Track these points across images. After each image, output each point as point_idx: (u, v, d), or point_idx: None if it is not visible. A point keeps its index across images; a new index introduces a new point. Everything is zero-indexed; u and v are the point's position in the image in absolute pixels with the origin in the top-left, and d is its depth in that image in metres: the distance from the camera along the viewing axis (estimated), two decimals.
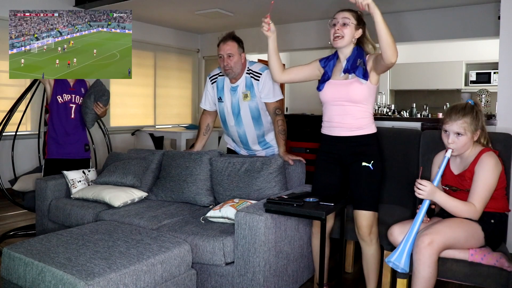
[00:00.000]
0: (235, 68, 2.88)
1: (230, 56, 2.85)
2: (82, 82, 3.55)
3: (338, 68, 2.33)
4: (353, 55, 2.26)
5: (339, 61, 2.34)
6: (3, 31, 5.01)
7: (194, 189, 2.93)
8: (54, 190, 3.16)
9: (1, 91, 5.23)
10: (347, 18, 2.23)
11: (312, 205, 2.16)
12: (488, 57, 7.22)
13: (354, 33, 2.26)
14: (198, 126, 3.28)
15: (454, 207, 1.99)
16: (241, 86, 2.94)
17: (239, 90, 2.94)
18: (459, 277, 1.98)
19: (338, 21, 2.25)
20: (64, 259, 1.88)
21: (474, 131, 2.07)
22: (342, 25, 2.23)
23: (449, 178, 2.17)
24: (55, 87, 3.41)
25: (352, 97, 2.23)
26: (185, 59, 7.96)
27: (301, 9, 6.16)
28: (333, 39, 2.26)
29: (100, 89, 3.46)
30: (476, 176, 2.02)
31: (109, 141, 4.15)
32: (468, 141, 2.07)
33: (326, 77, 2.32)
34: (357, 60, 2.23)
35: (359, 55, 2.25)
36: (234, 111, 2.99)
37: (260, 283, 2.16)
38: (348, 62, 2.26)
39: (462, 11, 5.70)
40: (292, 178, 2.84)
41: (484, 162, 2.01)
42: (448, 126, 2.08)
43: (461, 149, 2.08)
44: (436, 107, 7.70)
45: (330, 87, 2.29)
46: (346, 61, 2.27)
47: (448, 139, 2.07)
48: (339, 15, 2.26)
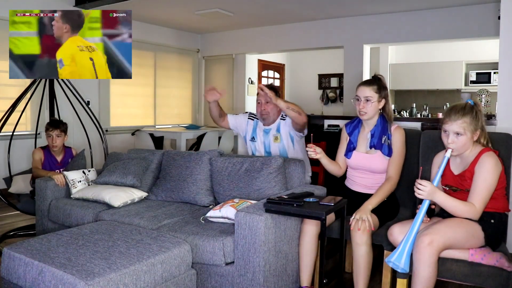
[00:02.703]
0: (271, 114, 3.15)
1: (268, 103, 3.10)
2: (69, 154, 3.63)
3: (362, 137, 2.56)
4: (377, 128, 2.48)
5: (363, 128, 2.57)
6: (3, 31, 5.01)
7: (194, 189, 2.93)
8: (54, 190, 3.16)
9: (1, 91, 5.23)
10: (369, 97, 2.45)
11: (312, 205, 2.16)
12: (488, 57, 7.22)
13: (377, 106, 2.49)
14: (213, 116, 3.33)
15: (454, 207, 1.99)
16: (273, 129, 3.20)
17: (271, 133, 3.20)
18: (459, 277, 1.98)
19: (361, 98, 2.47)
20: (64, 259, 1.88)
21: (473, 131, 2.06)
22: (366, 101, 2.45)
23: (449, 178, 2.17)
24: (44, 161, 3.52)
25: (373, 169, 2.51)
26: (185, 59, 7.96)
27: (301, 9, 6.16)
28: (359, 114, 2.49)
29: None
30: (476, 176, 2.01)
31: (106, 143, 4.15)
32: (468, 141, 2.07)
33: (352, 146, 2.58)
34: (382, 137, 2.46)
35: (384, 130, 2.47)
36: (266, 149, 3.25)
37: (260, 283, 2.16)
38: (374, 137, 2.48)
39: (462, 11, 5.71)
40: (292, 178, 2.84)
41: (484, 162, 2.01)
42: (448, 126, 2.08)
43: (460, 149, 2.07)
44: (436, 107, 7.71)
45: (355, 157, 2.56)
46: (371, 136, 2.49)
47: (448, 139, 2.07)
48: (361, 93, 2.48)
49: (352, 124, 2.63)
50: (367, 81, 2.54)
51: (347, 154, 2.58)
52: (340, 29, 6.66)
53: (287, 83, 9.50)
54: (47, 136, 3.51)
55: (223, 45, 7.91)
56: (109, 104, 6.56)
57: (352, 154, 2.56)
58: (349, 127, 2.63)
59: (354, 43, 6.56)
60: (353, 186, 2.61)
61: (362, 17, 6.44)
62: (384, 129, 2.48)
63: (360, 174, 2.56)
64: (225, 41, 7.87)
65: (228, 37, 7.83)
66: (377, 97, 2.46)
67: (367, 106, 2.45)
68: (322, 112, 8.37)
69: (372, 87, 2.47)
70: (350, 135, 2.60)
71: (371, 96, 2.45)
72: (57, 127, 3.48)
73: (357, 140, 2.57)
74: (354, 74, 6.57)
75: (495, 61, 5.35)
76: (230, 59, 7.97)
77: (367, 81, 2.53)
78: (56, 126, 3.49)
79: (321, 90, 9.17)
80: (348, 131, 2.62)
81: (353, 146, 2.57)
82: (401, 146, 2.48)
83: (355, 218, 2.23)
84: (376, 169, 2.50)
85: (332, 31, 6.74)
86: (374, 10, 6.12)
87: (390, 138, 2.46)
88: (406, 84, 7.96)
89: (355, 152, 2.56)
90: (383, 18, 6.29)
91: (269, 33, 7.33)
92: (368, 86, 2.48)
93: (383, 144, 2.45)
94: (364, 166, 2.53)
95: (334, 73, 8.90)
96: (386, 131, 2.48)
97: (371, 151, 2.50)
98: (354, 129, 2.60)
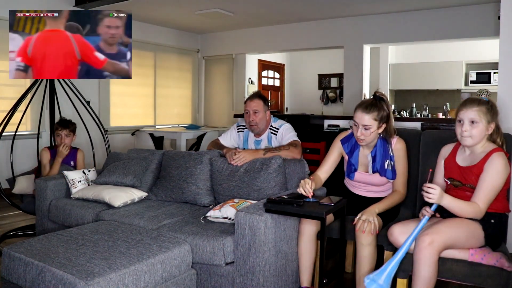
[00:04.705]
0: (260, 124, 3.06)
1: (256, 113, 3.03)
2: (73, 155, 3.62)
3: (362, 156, 2.45)
4: (378, 151, 2.37)
5: (362, 148, 2.45)
6: (3, 31, 5.01)
7: (194, 189, 2.93)
8: (54, 190, 3.16)
9: (1, 91, 5.23)
10: (368, 125, 2.30)
11: (312, 205, 2.16)
12: (488, 57, 7.22)
13: (377, 132, 2.35)
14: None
15: (459, 209, 1.98)
16: (264, 141, 3.12)
17: (262, 145, 3.13)
18: (459, 277, 1.98)
19: (358, 125, 2.32)
20: (64, 259, 1.88)
21: (489, 122, 2.03)
22: (364, 129, 2.31)
23: (453, 170, 2.14)
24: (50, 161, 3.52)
25: (375, 184, 2.46)
26: (185, 59, 7.96)
27: (301, 9, 6.16)
28: (357, 140, 2.37)
29: None
30: (483, 175, 1.99)
31: (108, 142, 4.15)
32: (482, 132, 2.03)
33: (353, 168, 2.48)
34: (385, 161, 2.35)
35: (386, 153, 2.36)
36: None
37: (260, 283, 2.16)
38: (376, 162, 2.38)
39: (462, 11, 5.71)
40: (292, 178, 2.83)
41: (495, 162, 1.98)
42: (463, 113, 2.04)
43: (477, 137, 2.02)
44: (436, 107, 7.70)
45: (357, 177, 2.49)
46: (372, 159, 2.39)
47: (462, 128, 2.03)
48: (359, 120, 2.32)
49: (350, 142, 2.47)
50: (367, 106, 2.31)
51: (349, 176, 2.49)
52: (340, 29, 6.66)
53: (287, 83, 9.50)
54: (56, 136, 3.52)
55: (223, 45, 7.91)
56: (109, 104, 6.56)
57: (354, 175, 2.48)
58: (347, 146, 2.48)
59: (354, 43, 6.56)
60: (353, 189, 2.60)
61: (362, 17, 6.44)
62: (386, 151, 2.37)
63: (361, 184, 2.54)
64: (225, 41, 7.87)
65: (228, 37, 7.83)
66: (376, 125, 2.31)
67: (366, 133, 2.31)
68: (322, 112, 8.37)
69: (372, 114, 2.28)
70: (349, 156, 2.47)
71: (370, 125, 2.29)
72: (66, 126, 3.51)
73: (358, 162, 2.46)
74: (354, 74, 6.57)
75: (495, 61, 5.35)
76: (230, 59, 7.97)
77: (366, 106, 2.31)
78: (66, 125, 3.52)
79: (321, 90, 9.17)
80: (347, 150, 2.48)
81: (354, 168, 2.47)
82: (404, 161, 2.40)
83: (361, 219, 2.20)
84: (378, 184, 2.47)
85: (332, 31, 6.74)
86: (374, 10, 6.12)
87: (393, 159, 2.37)
88: (406, 84, 7.96)
89: (357, 173, 2.48)
90: (383, 18, 6.29)
91: (269, 33, 7.33)
92: (367, 114, 2.28)
93: (386, 169, 2.36)
94: (366, 182, 2.49)
95: (334, 73, 8.90)
96: (388, 153, 2.37)
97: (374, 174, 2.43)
98: (354, 149, 2.46)
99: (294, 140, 2.99)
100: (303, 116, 5.46)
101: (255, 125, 3.05)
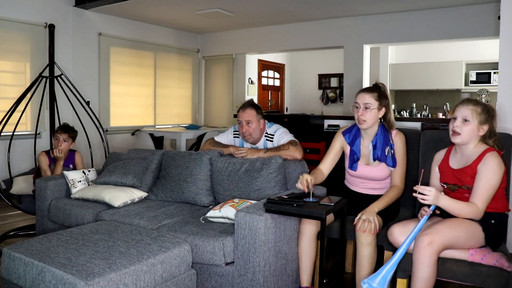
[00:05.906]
0: (254, 134, 3.01)
1: (249, 123, 2.98)
2: (71, 158, 3.62)
3: (364, 146, 2.47)
4: (379, 139, 2.40)
5: (363, 138, 2.48)
6: (3, 31, 5.01)
7: (194, 189, 2.93)
8: (54, 190, 3.16)
9: (1, 91, 5.23)
10: (368, 103, 2.35)
11: (312, 205, 2.16)
12: (488, 57, 7.23)
13: (377, 115, 2.40)
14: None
15: (458, 210, 1.99)
16: (261, 147, 3.05)
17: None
18: (459, 277, 1.98)
19: (359, 105, 2.38)
20: (64, 259, 1.88)
21: (481, 123, 2.06)
22: (365, 109, 2.36)
23: (447, 174, 2.16)
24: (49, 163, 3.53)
25: (376, 178, 2.48)
26: (185, 59, 7.96)
27: (301, 9, 6.16)
28: (358, 122, 2.40)
29: None
30: (479, 175, 2.01)
31: (107, 143, 4.15)
32: (472, 131, 2.05)
33: (355, 157, 2.49)
34: (386, 148, 2.38)
35: (386, 140, 2.39)
36: None
37: (260, 283, 2.16)
38: (376, 149, 2.40)
39: (462, 11, 5.70)
40: (292, 178, 2.83)
41: (488, 162, 2.00)
42: (458, 110, 2.09)
43: (464, 136, 2.06)
44: (436, 107, 7.71)
45: (359, 169, 2.50)
46: (373, 147, 2.41)
47: (454, 123, 2.07)
48: (360, 99, 2.39)
49: (351, 133, 2.52)
50: (367, 88, 2.46)
51: (352, 166, 2.50)
52: (340, 29, 6.66)
53: (287, 83, 9.50)
54: (54, 139, 3.54)
55: (223, 45, 7.91)
56: (109, 104, 6.56)
57: (357, 166, 2.49)
58: (348, 137, 2.52)
59: (354, 43, 6.56)
60: (353, 187, 2.60)
61: (362, 17, 6.45)
62: (386, 139, 2.41)
63: (361, 180, 2.54)
64: (225, 41, 7.87)
65: (228, 37, 7.83)
66: (377, 105, 2.38)
67: (366, 114, 2.37)
68: (322, 112, 8.37)
69: (372, 94, 2.39)
70: (351, 145, 2.50)
71: (371, 103, 2.36)
72: (66, 131, 3.53)
73: (360, 150, 2.48)
74: (354, 74, 6.57)
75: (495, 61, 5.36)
76: (230, 59, 7.97)
77: (367, 88, 2.45)
78: (66, 130, 3.54)
79: (321, 90, 9.18)
80: (349, 140, 2.51)
81: (356, 157, 2.48)
82: (403, 153, 2.44)
83: (361, 218, 2.20)
84: (379, 178, 2.48)
85: (332, 31, 6.74)
86: (374, 10, 6.12)
87: (393, 148, 2.40)
88: (406, 84, 7.96)
89: (359, 163, 2.49)
90: (383, 18, 6.29)
91: (269, 33, 7.33)
92: (368, 93, 2.39)
93: (387, 156, 2.39)
94: (367, 176, 2.50)
95: (334, 73, 8.90)
96: (389, 141, 2.40)
97: (375, 163, 2.45)
98: (355, 139, 2.49)
99: (292, 139, 2.98)
100: (303, 116, 5.47)
101: (249, 135, 3.00)
